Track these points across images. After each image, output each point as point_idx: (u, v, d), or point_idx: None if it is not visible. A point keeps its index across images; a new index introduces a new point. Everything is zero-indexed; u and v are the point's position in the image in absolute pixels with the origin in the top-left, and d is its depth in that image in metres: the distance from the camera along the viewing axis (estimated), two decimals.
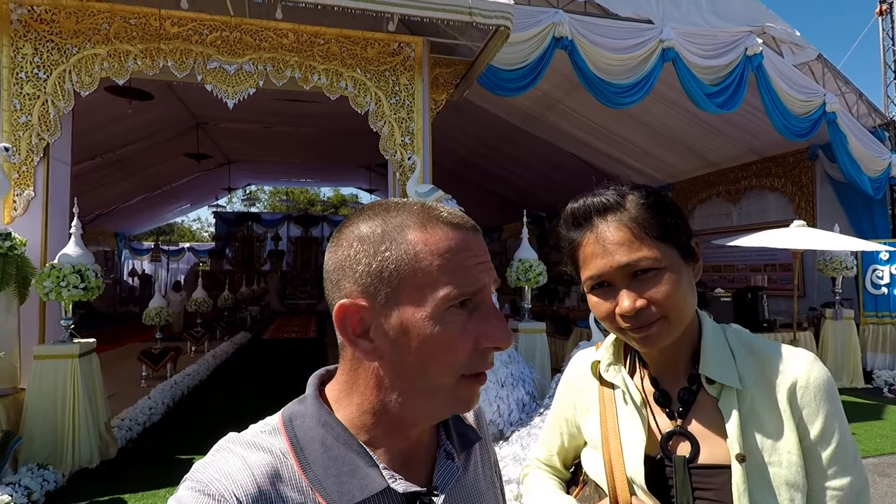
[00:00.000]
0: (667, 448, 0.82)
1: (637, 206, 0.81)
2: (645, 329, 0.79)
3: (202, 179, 16.33)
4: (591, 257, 0.81)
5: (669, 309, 0.78)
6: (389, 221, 0.58)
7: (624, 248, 0.78)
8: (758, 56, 6.63)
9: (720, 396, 0.80)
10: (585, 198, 0.85)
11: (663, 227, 0.80)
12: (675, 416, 0.84)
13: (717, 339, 0.85)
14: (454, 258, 0.56)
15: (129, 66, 4.44)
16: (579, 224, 0.84)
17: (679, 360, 0.86)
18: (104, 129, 9.45)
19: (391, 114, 4.95)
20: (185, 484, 0.54)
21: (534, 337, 5.24)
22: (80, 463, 3.95)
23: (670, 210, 0.83)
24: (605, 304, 0.81)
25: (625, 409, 0.88)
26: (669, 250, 0.80)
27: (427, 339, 0.55)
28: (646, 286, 0.78)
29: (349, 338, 0.57)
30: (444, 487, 0.61)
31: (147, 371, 6.80)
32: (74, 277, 3.91)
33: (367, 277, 0.56)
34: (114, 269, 19.24)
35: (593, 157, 10.96)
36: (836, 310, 7.00)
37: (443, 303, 0.55)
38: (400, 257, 0.56)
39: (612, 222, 0.80)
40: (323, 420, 0.58)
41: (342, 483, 0.55)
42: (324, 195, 31.60)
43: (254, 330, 12.76)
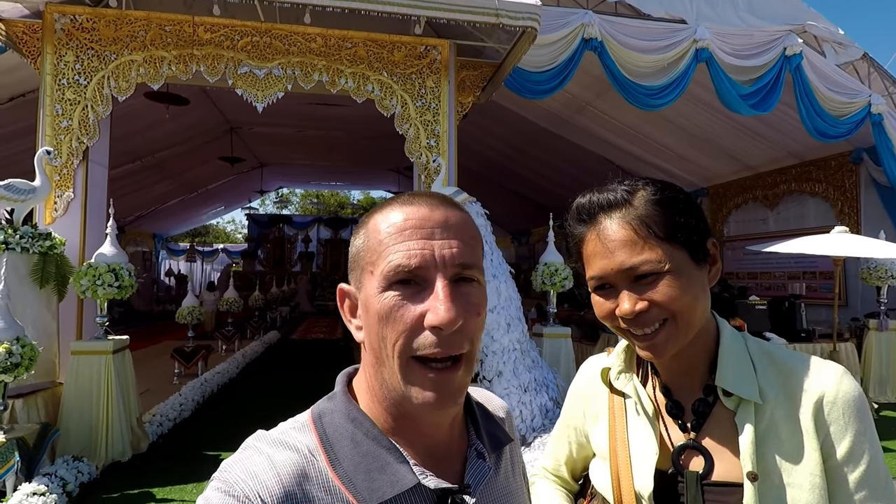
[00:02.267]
0: (679, 462, 0.77)
1: (645, 203, 0.76)
2: (650, 337, 0.75)
3: (236, 182, 16.76)
4: (593, 256, 0.78)
5: (673, 312, 0.73)
6: (371, 211, 0.63)
7: (626, 249, 0.74)
8: (797, 56, 6.39)
9: (737, 410, 0.75)
10: (593, 193, 0.81)
11: (671, 226, 0.75)
12: (689, 429, 0.79)
13: (736, 349, 0.79)
14: (396, 232, 0.57)
15: (164, 72, 4.59)
16: (584, 220, 0.81)
17: (694, 370, 0.81)
18: (143, 133, 9.81)
19: (417, 116, 4.97)
20: (212, 484, 0.54)
21: (559, 342, 5.16)
22: (112, 456, 4.08)
23: (682, 208, 0.77)
24: (606, 303, 0.78)
25: (635, 420, 0.83)
26: (677, 251, 0.75)
27: (374, 315, 0.56)
28: (648, 288, 0.74)
29: (345, 317, 0.62)
30: (476, 486, 0.60)
31: (179, 368, 6.98)
32: (109, 276, 4.05)
33: (350, 264, 0.62)
34: (151, 269, 19.90)
35: (624, 160, 10.76)
36: (881, 320, 6.67)
37: (382, 278, 0.56)
38: (363, 240, 0.60)
39: (615, 220, 0.76)
40: (352, 416, 0.59)
41: (372, 479, 0.55)
42: (353, 198, 32.00)
43: (283, 330, 12.98)
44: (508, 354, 4.35)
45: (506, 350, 4.37)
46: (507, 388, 4.23)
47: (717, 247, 0.81)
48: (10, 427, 3.47)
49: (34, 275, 4.01)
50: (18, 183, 4.11)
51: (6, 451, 3.19)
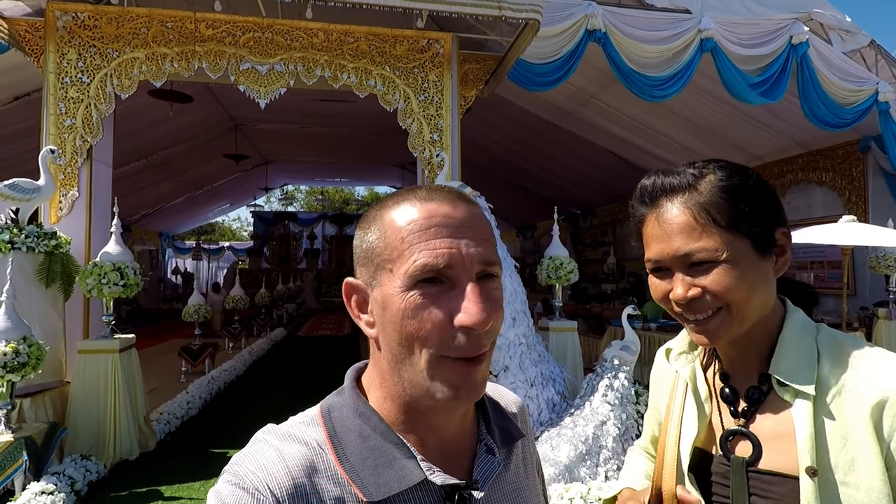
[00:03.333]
0: (726, 446, 0.78)
1: (711, 189, 0.74)
2: (702, 323, 0.75)
3: (241, 180, 16.79)
4: (651, 239, 0.78)
5: (727, 302, 0.73)
6: (380, 204, 0.61)
7: (683, 235, 0.74)
8: (803, 45, 6.31)
9: (794, 401, 0.73)
10: (658, 175, 0.80)
11: (735, 214, 0.73)
12: (739, 415, 0.79)
13: (801, 338, 0.76)
14: (419, 230, 0.56)
15: (166, 69, 4.57)
16: (645, 202, 0.80)
17: (752, 357, 0.80)
18: (148, 131, 9.83)
19: (420, 111, 4.94)
20: (223, 477, 0.55)
21: (565, 336, 5.13)
22: (120, 454, 4.10)
23: (750, 195, 0.75)
24: (662, 286, 0.78)
25: (690, 402, 0.85)
26: (738, 240, 0.73)
27: (396, 314, 0.55)
28: (702, 275, 0.73)
29: (354, 313, 0.61)
30: (485, 482, 0.60)
31: (186, 366, 7.02)
32: (114, 275, 4.05)
33: (360, 258, 0.60)
34: (158, 268, 20.00)
35: (630, 152, 10.69)
36: (890, 309, 6.63)
37: (407, 277, 0.55)
38: (378, 236, 0.58)
39: (676, 205, 0.75)
40: (360, 411, 0.59)
41: (379, 475, 0.55)
42: (358, 194, 32.01)
43: (290, 327, 13.02)
44: (514, 349, 4.33)
45: (512, 344, 4.35)
46: (513, 383, 4.21)
47: (789, 237, 0.79)
48: (19, 426, 3.49)
49: (40, 274, 4.02)
50: (23, 182, 4.12)
51: (14, 450, 3.20)
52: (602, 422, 3.83)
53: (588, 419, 3.86)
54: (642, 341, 5.49)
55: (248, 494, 0.52)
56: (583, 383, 4.31)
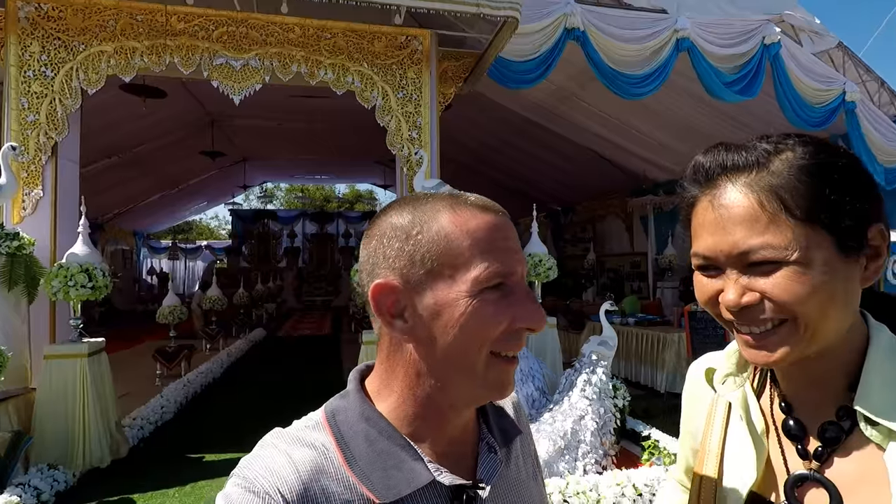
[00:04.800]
0: (793, 495, 0.63)
1: (789, 168, 0.58)
2: (759, 338, 0.59)
3: (218, 177, 16.49)
4: (701, 228, 0.62)
5: (794, 314, 0.57)
6: (420, 208, 0.61)
7: (744, 226, 0.58)
8: (775, 45, 6.44)
9: (887, 444, 0.58)
10: (720, 149, 0.64)
11: (817, 202, 0.57)
12: (810, 457, 0.63)
13: (891, 364, 0.60)
14: (486, 239, 0.58)
15: (136, 63, 4.43)
16: (699, 181, 0.64)
17: (827, 384, 0.64)
18: (119, 127, 9.57)
19: (398, 108, 4.88)
20: (231, 480, 0.55)
21: (545, 332, 5.13)
22: (90, 462, 3.97)
23: (838, 178, 0.58)
24: (709, 286, 0.62)
25: (737, 435, 0.69)
26: (817, 236, 0.57)
27: (460, 318, 0.56)
28: (764, 276, 0.58)
29: (385, 318, 0.59)
30: (489, 480, 0.62)
31: (161, 369, 6.86)
32: (82, 276, 3.92)
33: (400, 261, 0.58)
34: (132, 268, 19.55)
35: (609, 150, 10.78)
36: None
37: (475, 283, 0.56)
38: (432, 239, 0.58)
39: (739, 187, 0.59)
40: (366, 415, 0.59)
41: (389, 477, 0.56)
42: (339, 192, 31.76)
43: (269, 327, 12.84)
44: None
45: None
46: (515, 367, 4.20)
47: (886, 236, 0.61)
48: None
49: (2, 277, 3.87)
50: None
51: None
52: (580, 416, 3.84)
53: (566, 414, 3.87)
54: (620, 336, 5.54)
55: (258, 498, 0.52)
56: (561, 378, 4.32)
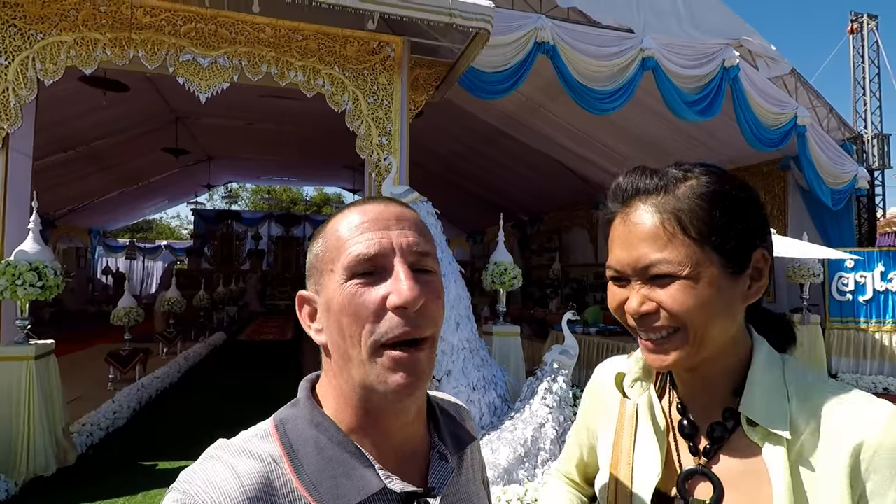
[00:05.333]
0: (684, 488, 0.70)
1: (691, 195, 0.66)
2: (657, 344, 0.67)
3: (181, 175, 16.03)
4: (614, 243, 0.71)
5: (685, 323, 0.65)
6: (325, 221, 0.64)
7: (647, 242, 0.66)
8: (734, 68, 6.75)
9: (763, 445, 0.66)
10: (637, 173, 0.72)
11: (709, 225, 0.65)
12: (700, 454, 0.71)
13: (770, 374, 0.69)
14: (355, 226, 0.59)
15: (98, 56, 4.29)
16: (618, 200, 0.72)
17: (716, 388, 0.71)
18: (77, 120, 9.22)
19: (369, 113, 4.88)
20: (170, 495, 0.52)
21: (508, 340, 5.21)
22: (34, 471, 3.78)
23: (729, 206, 0.66)
24: (618, 295, 0.70)
25: (644, 434, 0.75)
26: (708, 256, 0.65)
27: (338, 308, 0.56)
28: (660, 289, 0.66)
29: (304, 324, 0.63)
30: (440, 488, 0.61)
31: (115, 373, 6.60)
32: (31, 275, 3.75)
33: (308, 271, 0.63)
34: (86, 267, 18.77)
35: (576, 163, 11.03)
36: (803, 315, 7.19)
37: (344, 271, 0.57)
38: (321, 244, 0.61)
39: (649, 208, 0.67)
40: (316, 421, 0.58)
41: (338, 486, 0.54)
42: (307, 194, 31.31)
43: (231, 331, 12.52)
44: (458, 353, 4.35)
45: (455, 349, 4.37)
46: (455, 387, 4.22)
47: (768, 260, 0.69)
48: None
49: None
50: None
51: None
52: (541, 424, 3.90)
53: (527, 422, 3.93)
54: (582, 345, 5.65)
55: None
56: (524, 386, 4.38)
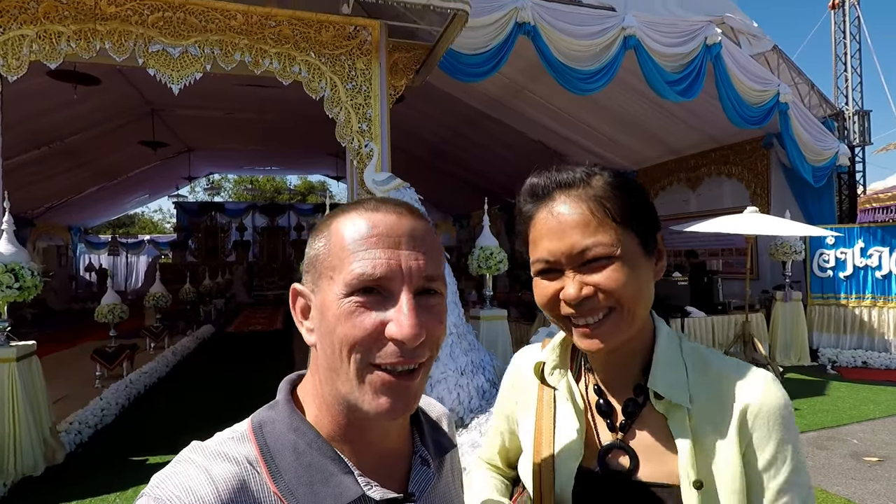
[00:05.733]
0: (605, 461, 0.76)
1: (604, 185, 0.73)
2: (594, 327, 0.71)
3: (160, 168, 15.74)
4: (542, 237, 0.73)
5: (620, 300, 0.70)
6: (332, 214, 0.61)
7: (579, 229, 0.70)
8: (717, 46, 6.74)
9: (669, 414, 0.73)
10: (550, 171, 0.76)
11: (626, 209, 0.72)
12: (617, 429, 0.77)
13: (671, 351, 0.77)
14: (361, 239, 0.56)
15: (62, 49, 4.14)
16: (537, 197, 0.76)
17: (628, 369, 0.78)
18: (48, 115, 8.98)
19: (347, 100, 4.80)
20: (141, 501, 0.50)
21: (496, 324, 5.24)
22: (23, 471, 3.75)
23: (637, 195, 0.75)
24: (549, 287, 0.73)
25: (564, 417, 0.81)
26: (629, 238, 0.72)
27: (333, 320, 0.54)
28: (595, 272, 0.70)
29: (297, 319, 0.61)
30: (421, 494, 0.60)
31: (101, 371, 6.53)
32: (7, 277, 3.67)
33: (307, 265, 0.61)
34: (68, 265, 18.46)
35: (561, 143, 11.00)
36: (785, 292, 7.30)
37: (345, 285, 0.54)
38: (324, 244, 0.58)
39: (573, 199, 0.72)
40: (295, 426, 0.57)
41: (315, 493, 0.53)
42: (291, 183, 31.00)
43: (218, 323, 12.45)
44: (445, 339, 4.37)
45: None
46: (444, 372, 4.25)
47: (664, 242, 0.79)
48: None
49: None
50: None
51: None
52: None
53: None
54: None
55: None
56: None
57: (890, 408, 5.14)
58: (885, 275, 7.24)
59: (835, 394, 5.71)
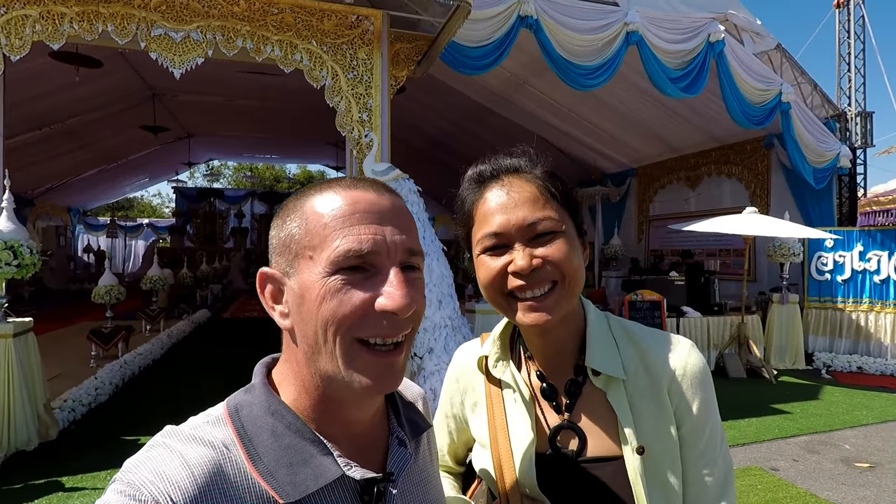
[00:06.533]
0: (556, 443, 0.80)
1: (545, 174, 0.80)
2: (541, 299, 0.75)
3: (161, 153, 15.73)
4: (491, 214, 0.77)
5: (564, 273, 0.75)
6: (301, 194, 0.60)
7: (528, 205, 0.76)
8: (720, 43, 6.71)
9: (607, 389, 0.78)
10: (495, 158, 0.82)
11: (565, 194, 0.79)
12: (563, 410, 0.81)
13: (601, 329, 0.82)
14: (342, 216, 0.55)
15: (65, 30, 4.15)
16: (483, 181, 0.81)
17: (566, 352, 0.82)
18: (51, 97, 8.97)
19: (348, 89, 4.81)
20: (113, 486, 0.49)
21: (490, 318, 5.27)
22: (16, 445, 3.81)
23: (568, 185, 0.81)
24: (496, 263, 0.76)
25: (513, 406, 0.84)
26: (568, 219, 0.78)
27: (317, 300, 0.53)
28: (543, 247, 0.75)
29: (267, 304, 0.59)
30: (399, 474, 0.61)
31: (97, 351, 6.58)
32: (6, 254, 3.70)
33: (277, 248, 0.59)
34: (67, 245, 18.48)
35: (561, 140, 11.01)
36: (782, 294, 7.28)
37: (329, 263, 0.54)
38: (298, 224, 0.57)
39: (522, 180, 0.78)
40: (272, 408, 0.56)
41: (295, 473, 0.53)
42: (290, 172, 30.95)
43: (214, 308, 12.50)
44: (440, 331, 4.40)
45: (437, 327, 4.42)
46: (437, 364, 4.29)
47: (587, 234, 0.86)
48: None
49: None
50: None
51: None
52: None
53: None
54: None
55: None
56: None
57: (883, 414, 5.13)
58: (883, 279, 7.20)
59: (828, 398, 5.71)
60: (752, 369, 6.69)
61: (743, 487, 3.56)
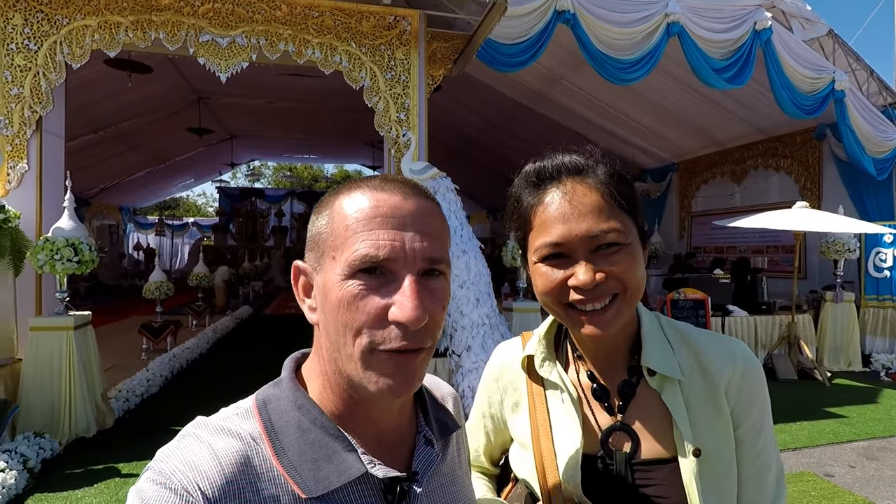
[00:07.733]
0: (608, 445, 0.77)
1: (610, 176, 0.73)
2: (600, 313, 0.71)
3: (205, 154, 16.32)
4: (552, 221, 0.71)
5: (626, 287, 0.71)
6: (335, 191, 0.60)
7: (593, 214, 0.70)
8: (766, 31, 6.45)
9: (662, 390, 0.76)
10: (555, 156, 0.75)
11: (630, 199, 0.73)
12: (615, 412, 0.79)
13: (655, 329, 0.81)
14: (364, 219, 0.55)
15: (121, 39, 4.37)
16: (544, 182, 0.74)
17: (619, 352, 0.80)
18: (105, 102, 9.43)
19: (386, 89, 4.87)
20: (146, 474, 0.51)
21: (528, 316, 5.24)
22: (76, 432, 4.04)
23: (633, 186, 0.76)
24: (556, 274, 0.71)
25: (559, 407, 0.82)
26: (633, 227, 0.73)
27: (335, 301, 0.54)
28: (606, 260, 0.70)
29: (298, 296, 0.61)
30: (424, 473, 0.60)
31: (147, 344, 6.89)
32: (68, 251, 3.93)
33: (309, 243, 0.59)
34: (119, 243, 19.41)
35: (599, 136, 10.81)
36: (836, 292, 6.92)
37: (346, 265, 0.54)
38: (326, 222, 0.57)
39: (586, 185, 0.71)
40: (299, 403, 0.57)
41: (318, 469, 0.53)
42: (327, 171, 31.52)
43: (256, 305, 12.89)
44: (477, 329, 4.41)
45: (475, 325, 4.43)
46: (475, 363, 4.30)
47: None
48: None
49: None
50: None
51: None
52: None
53: None
54: None
55: (174, 495, 0.48)
56: None
57: None
58: None
59: (888, 402, 5.42)
60: (804, 371, 6.41)
61: (795, 493, 3.43)
